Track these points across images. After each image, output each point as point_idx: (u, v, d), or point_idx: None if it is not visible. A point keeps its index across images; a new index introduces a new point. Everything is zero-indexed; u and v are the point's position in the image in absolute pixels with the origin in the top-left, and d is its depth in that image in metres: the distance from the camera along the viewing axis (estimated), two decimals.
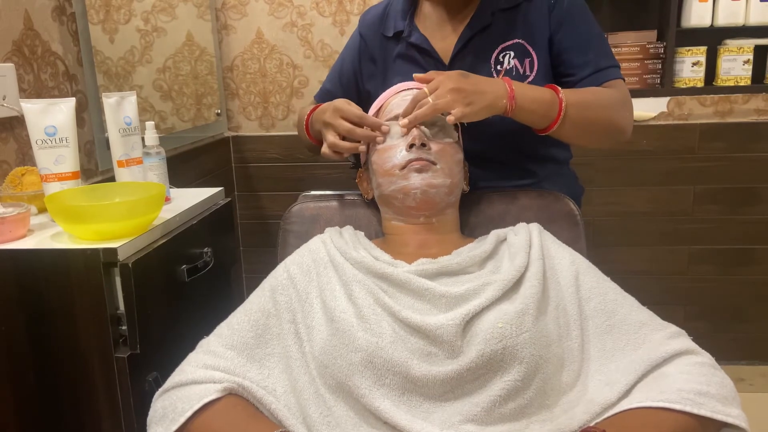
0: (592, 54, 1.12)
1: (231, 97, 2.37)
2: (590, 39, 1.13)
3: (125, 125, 1.22)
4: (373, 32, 1.27)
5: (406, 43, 1.20)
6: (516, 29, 1.14)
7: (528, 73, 1.14)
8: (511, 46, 1.14)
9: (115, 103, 1.21)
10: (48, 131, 1.09)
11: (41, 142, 1.09)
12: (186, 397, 0.82)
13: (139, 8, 1.79)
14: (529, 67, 1.14)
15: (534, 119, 1.03)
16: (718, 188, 2.26)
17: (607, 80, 1.12)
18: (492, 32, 1.14)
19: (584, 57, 1.11)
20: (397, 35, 1.22)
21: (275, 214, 2.42)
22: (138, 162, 1.24)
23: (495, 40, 1.15)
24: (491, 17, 1.14)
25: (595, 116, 1.07)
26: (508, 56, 1.14)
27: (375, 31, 1.26)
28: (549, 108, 1.02)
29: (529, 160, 1.20)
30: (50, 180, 1.11)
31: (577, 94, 1.06)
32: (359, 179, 1.14)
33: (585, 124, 1.06)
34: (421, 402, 0.81)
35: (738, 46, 2.14)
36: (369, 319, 0.85)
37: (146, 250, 1.04)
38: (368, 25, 1.28)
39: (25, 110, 1.09)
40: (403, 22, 1.21)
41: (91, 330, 1.00)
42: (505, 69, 1.13)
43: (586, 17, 1.15)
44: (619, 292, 0.92)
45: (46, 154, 1.10)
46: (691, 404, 0.75)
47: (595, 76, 1.11)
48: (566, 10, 1.13)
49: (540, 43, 1.13)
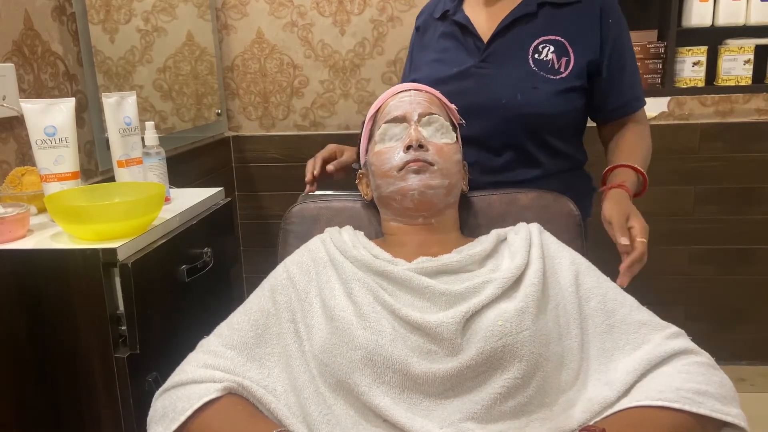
0: (629, 81, 1.22)
1: (231, 97, 2.37)
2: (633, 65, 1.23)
3: (125, 125, 1.22)
4: (425, 19, 1.35)
5: (450, 21, 1.26)
6: (560, 27, 1.18)
7: (562, 70, 1.17)
8: (551, 41, 1.18)
9: (115, 103, 1.21)
10: (48, 131, 1.09)
11: (41, 143, 1.09)
12: (186, 396, 0.82)
13: (139, 8, 1.79)
14: (564, 65, 1.17)
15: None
16: (718, 188, 2.26)
17: (638, 109, 1.25)
18: (535, 22, 1.19)
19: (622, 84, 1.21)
20: (444, 15, 1.28)
21: (275, 215, 2.42)
22: (138, 162, 1.24)
23: (537, 30, 1.19)
24: (537, 8, 1.19)
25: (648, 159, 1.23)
26: (547, 49, 1.18)
27: (428, 16, 1.34)
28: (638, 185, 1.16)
29: (537, 150, 1.21)
30: (50, 180, 1.11)
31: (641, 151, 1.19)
32: (359, 180, 1.14)
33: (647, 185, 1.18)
34: (421, 400, 0.81)
35: (739, 46, 2.14)
36: (369, 317, 0.85)
37: (146, 251, 1.04)
38: (422, 16, 1.37)
39: (25, 110, 1.09)
40: (451, 3, 1.27)
41: (90, 330, 1.00)
42: (541, 60, 1.17)
43: (629, 39, 1.23)
44: (619, 291, 0.92)
45: (46, 155, 1.10)
46: (690, 403, 0.75)
47: (629, 104, 1.23)
48: (618, 31, 1.20)
49: (581, 48, 1.18)
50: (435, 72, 1.23)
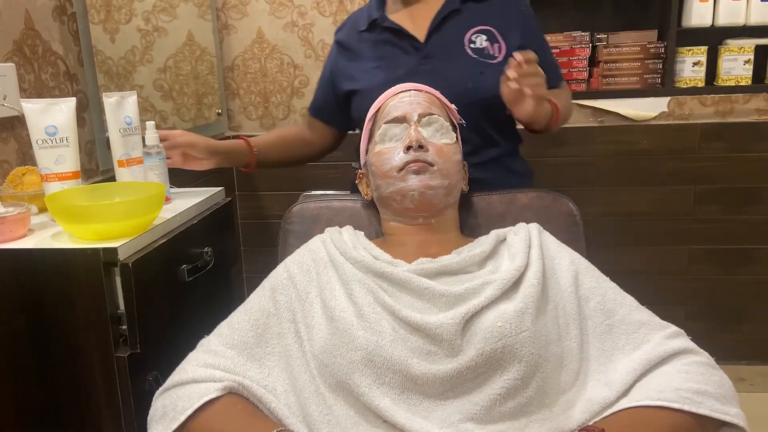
0: (552, 59, 1.36)
1: (232, 97, 2.38)
2: (548, 46, 1.37)
3: (125, 125, 1.22)
4: (347, 33, 1.39)
5: (382, 28, 1.31)
6: (487, 18, 1.29)
7: (497, 55, 1.27)
8: (482, 30, 1.28)
9: (116, 102, 1.21)
10: (48, 131, 1.09)
11: (42, 142, 1.09)
12: (186, 395, 0.82)
13: (139, 8, 1.79)
14: (498, 50, 1.27)
15: (537, 126, 1.21)
16: (718, 188, 2.26)
17: (562, 81, 1.38)
18: (463, 17, 1.27)
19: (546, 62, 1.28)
20: (372, 25, 1.33)
21: (275, 214, 2.42)
22: (138, 162, 1.24)
23: (467, 23, 1.28)
24: (460, 4, 1.28)
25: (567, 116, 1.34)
26: (480, 38, 1.27)
27: (349, 30, 1.39)
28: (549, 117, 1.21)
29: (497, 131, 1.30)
30: (51, 180, 1.11)
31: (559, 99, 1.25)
32: (359, 180, 1.14)
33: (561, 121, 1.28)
34: (420, 400, 0.81)
35: (739, 46, 2.14)
36: (369, 317, 0.85)
37: (146, 250, 1.04)
38: (342, 31, 1.41)
39: (26, 110, 1.09)
40: (377, 12, 1.33)
41: (91, 329, 1.00)
42: (478, 48, 1.27)
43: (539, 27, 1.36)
44: (619, 292, 0.92)
45: (47, 154, 1.10)
46: (690, 403, 0.75)
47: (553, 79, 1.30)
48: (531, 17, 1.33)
49: (509, 36, 1.28)
50: (378, 78, 1.27)
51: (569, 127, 2.25)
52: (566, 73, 2.21)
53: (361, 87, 1.30)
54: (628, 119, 2.24)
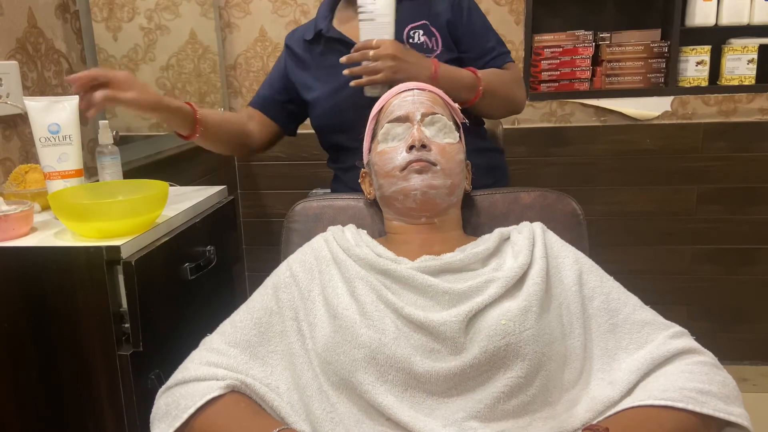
0: (493, 41, 1.37)
1: (234, 96, 2.37)
2: (488, 28, 1.38)
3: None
4: (296, 41, 1.43)
5: (326, 39, 1.37)
6: (422, 13, 1.34)
7: (435, 48, 1.32)
8: (419, 26, 1.33)
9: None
10: (51, 129, 1.09)
11: (44, 140, 1.09)
12: (189, 394, 0.83)
13: (142, 6, 1.79)
14: (435, 43, 1.33)
15: (454, 94, 1.17)
16: (721, 188, 2.25)
17: (506, 62, 1.38)
18: (400, 15, 1.27)
19: (487, 43, 1.36)
20: (318, 36, 1.38)
21: (278, 213, 2.42)
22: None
23: (404, 20, 1.31)
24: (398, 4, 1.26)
25: (503, 93, 1.33)
26: (417, 33, 1.32)
27: (298, 38, 1.43)
28: (469, 85, 1.24)
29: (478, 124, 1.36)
30: (54, 178, 1.11)
31: (489, 75, 1.29)
32: (362, 180, 1.14)
33: (495, 99, 1.31)
34: (424, 398, 0.81)
35: (742, 46, 2.14)
36: (372, 315, 0.85)
37: (149, 248, 1.04)
38: (292, 38, 1.45)
39: (29, 108, 1.09)
40: (323, 22, 1.38)
41: (93, 327, 1.00)
42: (416, 43, 1.32)
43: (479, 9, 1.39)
44: (622, 291, 0.92)
45: (50, 152, 1.10)
46: (694, 402, 0.75)
47: (498, 59, 1.37)
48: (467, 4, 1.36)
49: (440, 23, 1.33)
50: (333, 85, 1.30)
51: (572, 126, 2.25)
52: (569, 72, 2.21)
53: (317, 96, 1.35)
54: (631, 118, 2.24)
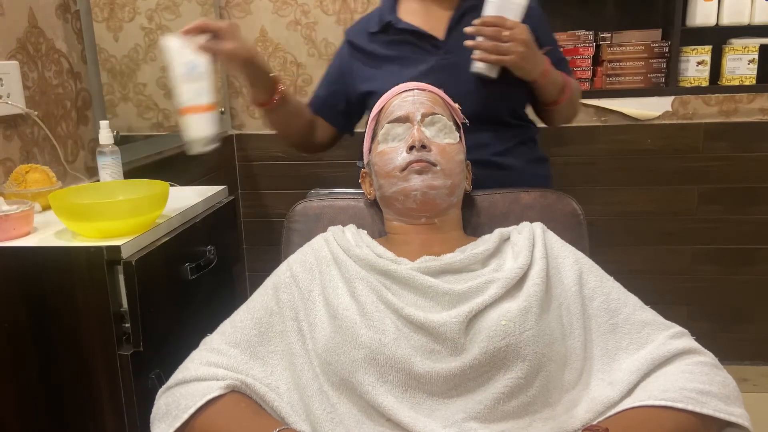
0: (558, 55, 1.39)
1: (235, 95, 2.38)
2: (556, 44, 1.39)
3: None
4: (359, 34, 1.38)
5: (396, 30, 1.32)
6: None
7: None
8: None
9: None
10: (189, 66, 1.07)
11: (185, 76, 1.07)
12: (189, 394, 0.83)
13: (143, 6, 1.79)
14: None
15: (549, 93, 1.28)
16: (722, 188, 2.25)
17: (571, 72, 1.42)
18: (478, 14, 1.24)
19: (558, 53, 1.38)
20: (385, 28, 1.33)
21: (279, 213, 2.42)
22: None
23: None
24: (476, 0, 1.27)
25: (576, 99, 1.41)
26: None
27: (361, 31, 1.38)
28: (561, 86, 1.29)
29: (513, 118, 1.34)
30: (194, 112, 1.07)
31: (570, 80, 1.33)
32: (362, 180, 1.14)
33: (572, 103, 1.38)
34: (424, 399, 0.81)
35: (743, 46, 2.14)
36: (372, 316, 0.85)
37: (149, 248, 1.05)
38: (354, 32, 1.40)
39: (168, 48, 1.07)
40: (390, 15, 1.33)
41: (94, 327, 1.00)
42: None
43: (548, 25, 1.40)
44: (623, 291, 0.92)
45: (189, 88, 1.07)
46: (694, 403, 0.75)
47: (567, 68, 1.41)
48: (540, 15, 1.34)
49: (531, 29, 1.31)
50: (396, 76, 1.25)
51: (573, 126, 2.25)
52: None
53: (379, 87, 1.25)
54: (631, 118, 2.23)
